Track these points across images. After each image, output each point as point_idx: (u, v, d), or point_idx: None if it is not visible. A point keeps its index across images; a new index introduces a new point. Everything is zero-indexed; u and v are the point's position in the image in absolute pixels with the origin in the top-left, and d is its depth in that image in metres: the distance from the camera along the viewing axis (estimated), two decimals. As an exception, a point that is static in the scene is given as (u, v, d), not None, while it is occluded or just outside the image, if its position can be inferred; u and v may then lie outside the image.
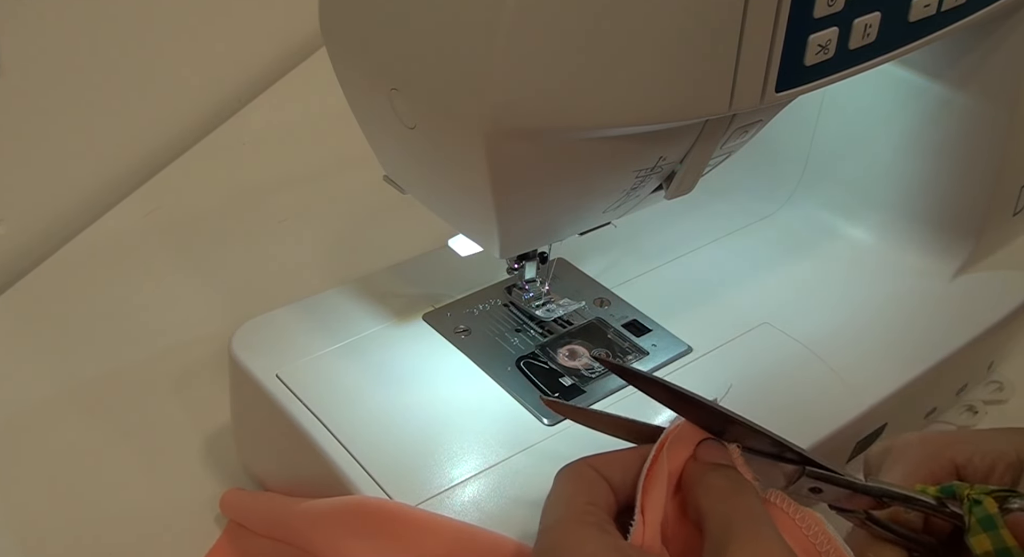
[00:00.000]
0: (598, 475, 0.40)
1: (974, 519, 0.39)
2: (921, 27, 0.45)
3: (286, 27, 1.01)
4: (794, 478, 0.41)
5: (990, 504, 0.39)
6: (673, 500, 0.40)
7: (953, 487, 0.41)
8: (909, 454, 0.44)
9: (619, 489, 0.40)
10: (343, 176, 0.83)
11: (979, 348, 0.58)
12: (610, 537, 0.37)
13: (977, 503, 0.40)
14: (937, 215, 0.60)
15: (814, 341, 0.55)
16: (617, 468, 0.40)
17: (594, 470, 0.40)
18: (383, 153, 0.48)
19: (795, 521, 0.39)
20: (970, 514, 0.40)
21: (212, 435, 0.60)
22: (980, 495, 0.40)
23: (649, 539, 0.38)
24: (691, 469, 0.40)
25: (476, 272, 0.58)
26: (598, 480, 0.40)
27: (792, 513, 0.40)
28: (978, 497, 0.40)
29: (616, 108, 0.38)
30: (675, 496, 0.40)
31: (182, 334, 0.68)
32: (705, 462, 0.40)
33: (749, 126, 0.45)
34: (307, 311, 0.55)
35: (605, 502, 0.39)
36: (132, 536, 0.55)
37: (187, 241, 0.78)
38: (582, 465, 0.40)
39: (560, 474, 0.40)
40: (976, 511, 0.40)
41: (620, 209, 0.48)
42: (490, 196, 0.41)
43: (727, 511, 0.37)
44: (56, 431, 0.61)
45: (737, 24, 0.37)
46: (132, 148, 0.88)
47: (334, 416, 0.48)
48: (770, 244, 0.63)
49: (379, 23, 0.40)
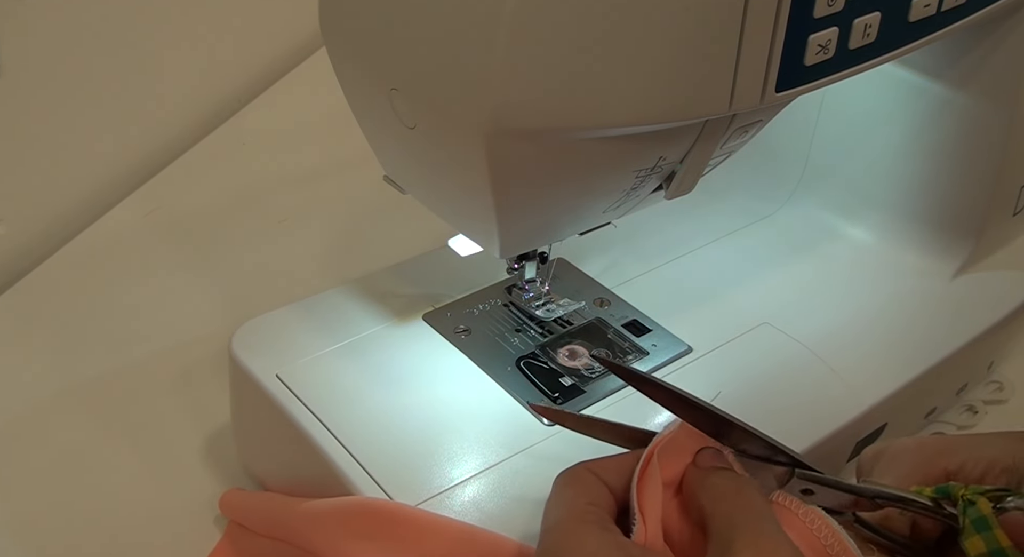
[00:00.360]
0: (597, 478, 0.40)
1: (968, 520, 0.39)
2: (921, 27, 0.45)
3: (286, 27, 1.01)
4: (784, 480, 0.41)
5: (984, 505, 0.39)
6: (673, 502, 0.40)
7: (948, 488, 0.41)
8: (902, 459, 0.44)
9: (618, 492, 0.40)
10: (343, 176, 0.83)
11: (979, 348, 0.58)
12: (611, 534, 0.37)
13: (971, 504, 0.40)
14: (937, 215, 0.60)
15: (814, 341, 0.55)
16: (615, 472, 0.41)
17: (592, 473, 0.40)
18: (383, 153, 0.48)
19: (801, 519, 0.39)
20: (964, 515, 0.40)
21: (212, 435, 0.60)
22: (974, 496, 0.40)
23: (651, 537, 0.39)
24: (692, 473, 0.40)
25: (476, 272, 0.58)
26: (597, 483, 0.40)
27: (797, 511, 0.40)
28: (972, 498, 0.40)
29: (616, 108, 0.38)
30: (675, 498, 0.40)
31: (182, 334, 0.68)
32: (706, 466, 0.40)
33: (749, 126, 0.45)
34: (307, 311, 0.55)
35: (605, 503, 0.39)
36: (132, 536, 0.55)
37: (187, 241, 0.78)
38: (580, 469, 0.41)
39: (559, 478, 0.41)
40: (970, 512, 0.39)
41: (620, 209, 0.48)
42: (490, 196, 0.41)
43: (730, 509, 0.37)
44: (56, 431, 0.61)
45: (737, 24, 0.37)
46: (132, 148, 0.88)
47: (334, 416, 0.48)
48: (770, 244, 0.63)
49: (379, 23, 0.40)
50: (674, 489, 0.40)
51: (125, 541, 0.54)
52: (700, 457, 0.41)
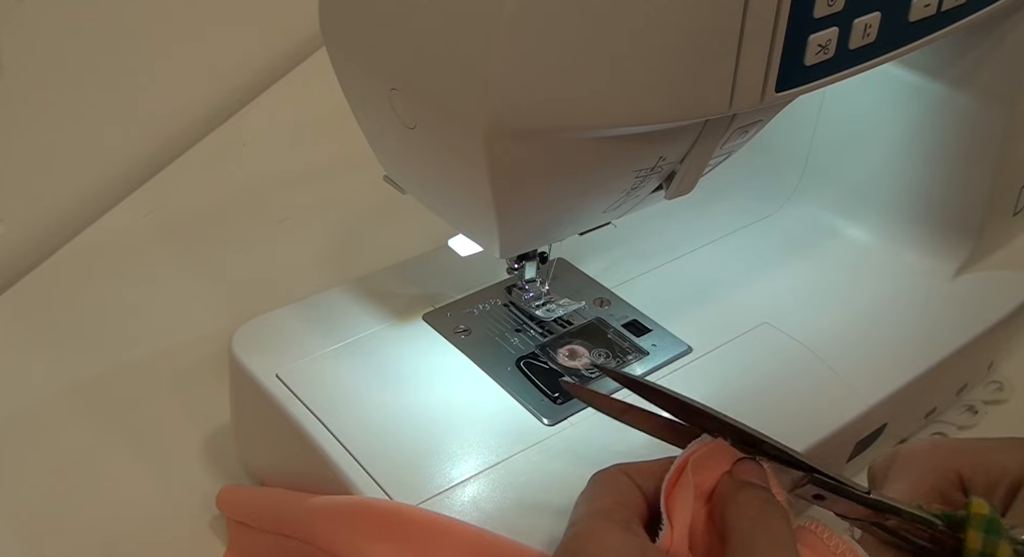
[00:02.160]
0: (631, 481, 0.40)
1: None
2: (921, 27, 0.45)
3: (286, 27, 1.01)
4: (800, 483, 0.41)
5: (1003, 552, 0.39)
6: (703, 511, 0.40)
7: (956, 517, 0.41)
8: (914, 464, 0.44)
9: (650, 496, 0.40)
10: (343, 176, 0.83)
11: (979, 348, 0.58)
12: (635, 537, 0.37)
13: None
14: (937, 215, 0.60)
15: (814, 341, 0.55)
16: (649, 476, 0.40)
17: (626, 475, 0.40)
18: (383, 153, 0.48)
19: (829, 548, 0.39)
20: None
21: (212, 435, 0.60)
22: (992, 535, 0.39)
23: (677, 543, 0.38)
24: (725, 484, 0.40)
25: (476, 272, 0.58)
26: (629, 485, 0.40)
27: (827, 540, 0.39)
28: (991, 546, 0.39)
29: (616, 108, 0.38)
30: (705, 507, 0.40)
31: (182, 334, 0.68)
32: (740, 480, 0.40)
33: (749, 126, 0.45)
34: (307, 311, 0.55)
35: (635, 505, 0.39)
36: (132, 536, 0.55)
37: (187, 241, 0.78)
38: (614, 470, 0.40)
39: (594, 478, 0.40)
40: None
41: (620, 209, 0.48)
42: (490, 196, 0.41)
43: (753, 531, 0.37)
44: (56, 431, 0.61)
45: (737, 24, 0.37)
46: (132, 148, 0.88)
47: (334, 416, 0.48)
48: (770, 244, 0.63)
49: (379, 23, 0.40)
50: (705, 498, 0.40)
51: (125, 541, 0.54)
52: (738, 468, 0.40)
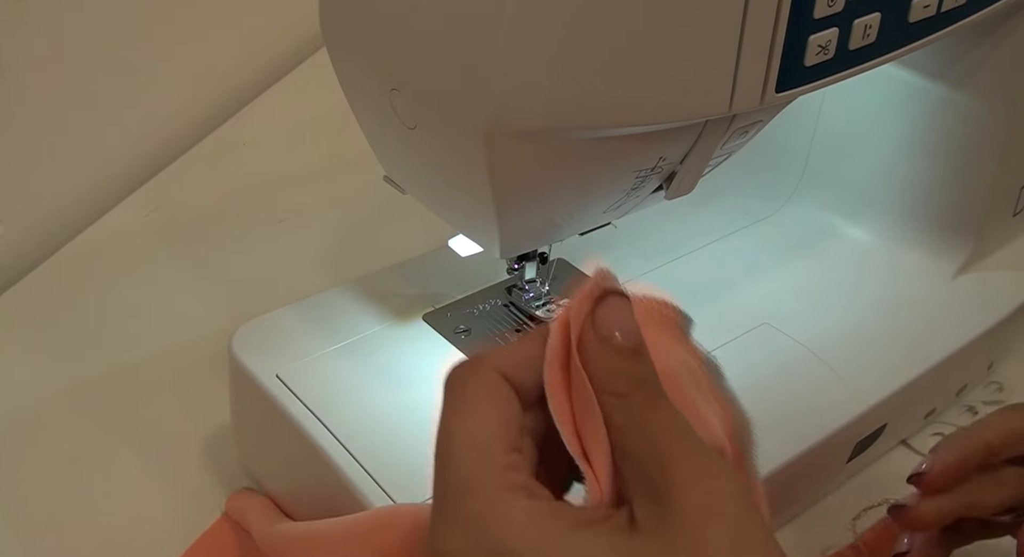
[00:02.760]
0: (509, 387, 0.30)
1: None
2: (921, 27, 0.45)
3: (286, 27, 1.01)
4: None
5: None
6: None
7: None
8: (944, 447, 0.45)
9: (530, 395, 0.31)
10: (343, 176, 0.83)
11: (979, 348, 0.58)
12: (541, 502, 0.29)
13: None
14: (937, 215, 0.60)
15: (814, 341, 0.55)
16: (524, 365, 0.31)
17: (503, 378, 0.31)
18: (383, 153, 0.48)
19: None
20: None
21: (212, 435, 0.60)
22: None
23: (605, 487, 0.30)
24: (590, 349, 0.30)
25: (476, 272, 0.58)
26: (511, 398, 0.30)
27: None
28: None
29: (616, 108, 0.38)
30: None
31: (182, 334, 0.68)
32: (603, 335, 0.30)
33: (749, 126, 0.45)
34: (307, 311, 0.55)
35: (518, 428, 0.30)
36: (132, 536, 0.55)
37: (187, 241, 0.78)
38: (489, 372, 0.30)
39: (460, 381, 0.30)
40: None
41: (620, 209, 0.48)
42: (490, 196, 0.41)
43: (654, 437, 0.29)
44: (56, 431, 0.61)
45: (737, 24, 0.37)
46: (132, 148, 0.88)
47: (334, 416, 0.48)
48: (770, 244, 0.63)
49: (379, 23, 0.40)
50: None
51: (125, 541, 0.54)
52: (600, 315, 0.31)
